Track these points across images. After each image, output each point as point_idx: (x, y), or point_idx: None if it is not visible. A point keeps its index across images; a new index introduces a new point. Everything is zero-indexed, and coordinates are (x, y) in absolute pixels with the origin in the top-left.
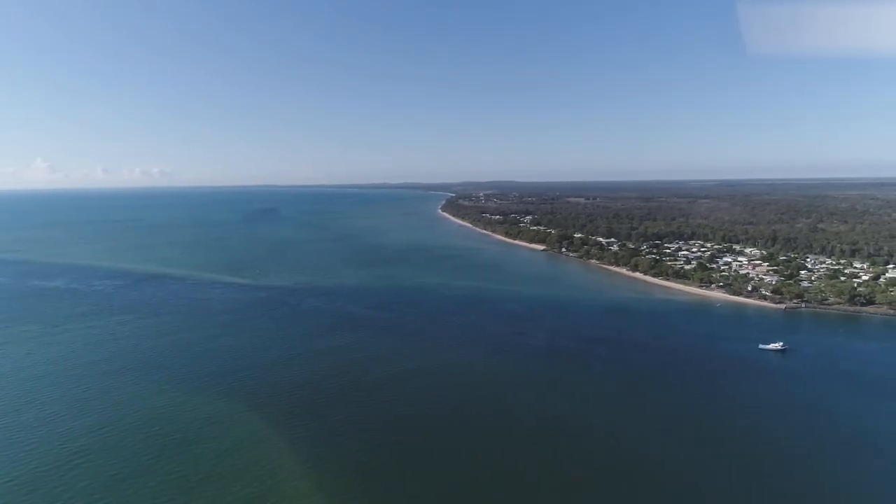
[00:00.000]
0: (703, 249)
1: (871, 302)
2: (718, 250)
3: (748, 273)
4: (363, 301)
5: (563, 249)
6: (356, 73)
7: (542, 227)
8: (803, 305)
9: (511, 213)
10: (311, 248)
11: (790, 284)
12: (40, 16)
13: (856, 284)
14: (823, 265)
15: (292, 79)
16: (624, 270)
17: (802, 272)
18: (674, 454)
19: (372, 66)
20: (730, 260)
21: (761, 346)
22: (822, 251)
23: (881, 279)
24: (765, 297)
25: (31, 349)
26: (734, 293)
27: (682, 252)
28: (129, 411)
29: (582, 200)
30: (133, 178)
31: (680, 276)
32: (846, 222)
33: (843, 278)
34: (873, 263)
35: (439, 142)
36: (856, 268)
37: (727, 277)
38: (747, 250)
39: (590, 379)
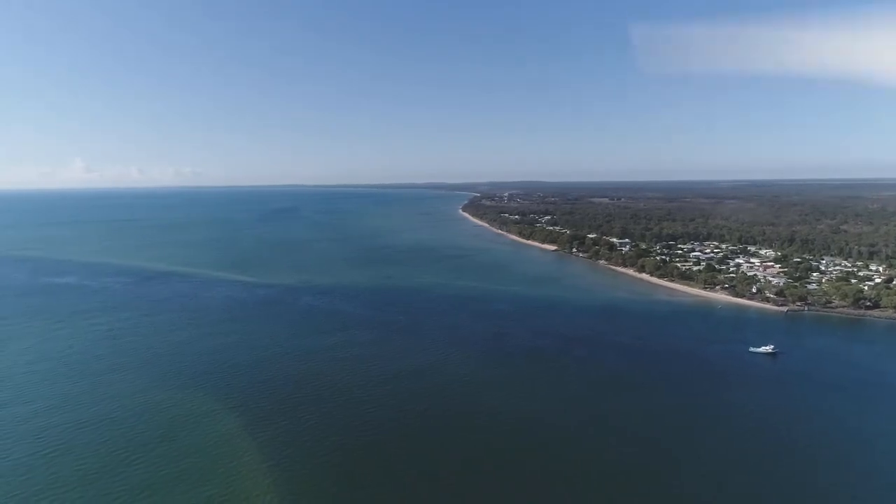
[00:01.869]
0: (717, 251)
1: (876, 305)
2: (732, 251)
3: (756, 275)
4: (359, 300)
5: (574, 250)
6: (381, 77)
7: (557, 228)
8: (806, 308)
9: (530, 214)
10: (320, 247)
11: (795, 287)
12: (75, 33)
13: (864, 287)
14: (837, 267)
15: (318, 82)
16: (630, 271)
17: (814, 274)
18: (634, 457)
19: (397, 69)
20: (741, 261)
21: (751, 349)
22: (840, 253)
23: (894, 282)
24: (767, 300)
25: (31, 345)
26: (737, 295)
27: (695, 253)
28: (114, 408)
29: (605, 201)
30: (166, 177)
31: (685, 277)
32: (871, 223)
33: (853, 281)
34: (890, 266)
35: (465, 142)
36: (871, 270)
37: (732, 279)
38: (762, 252)
39: (560, 379)
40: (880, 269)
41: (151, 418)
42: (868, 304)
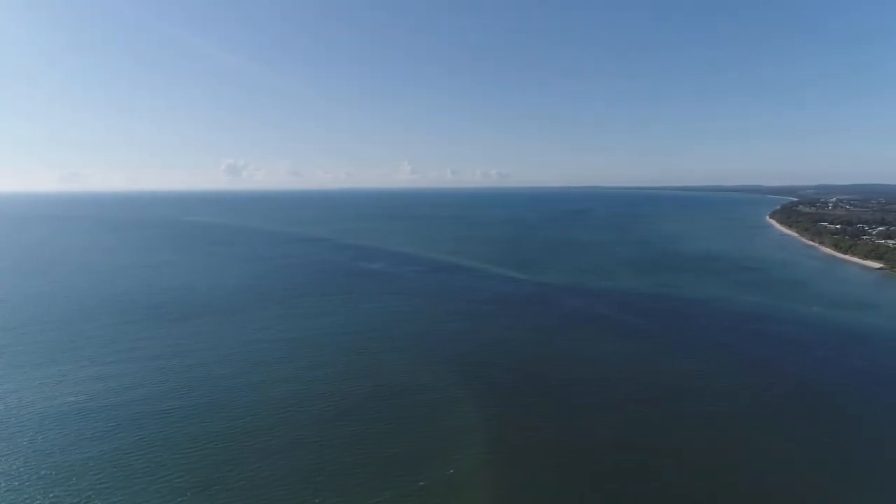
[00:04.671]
0: None
1: None
2: None
3: None
4: (624, 306)
5: None
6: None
7: (891, 242)
8: None
9: (858, 224)
10: (603, 250)
11: None
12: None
13: None
14: None
15: (620, 89)
16: None
17: None
18: None
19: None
20: None
21: None
22: None
23: None
24: None
25: (335, 319)
26: None
27: None
28: (383, 383)
29: None
30: (475, 178)
31: None
32: None
33: None
34: None
35: (790, 139)
36: None
37: None
38: None
39: (835, 432)
40: None
41: (412, 396)
42: None
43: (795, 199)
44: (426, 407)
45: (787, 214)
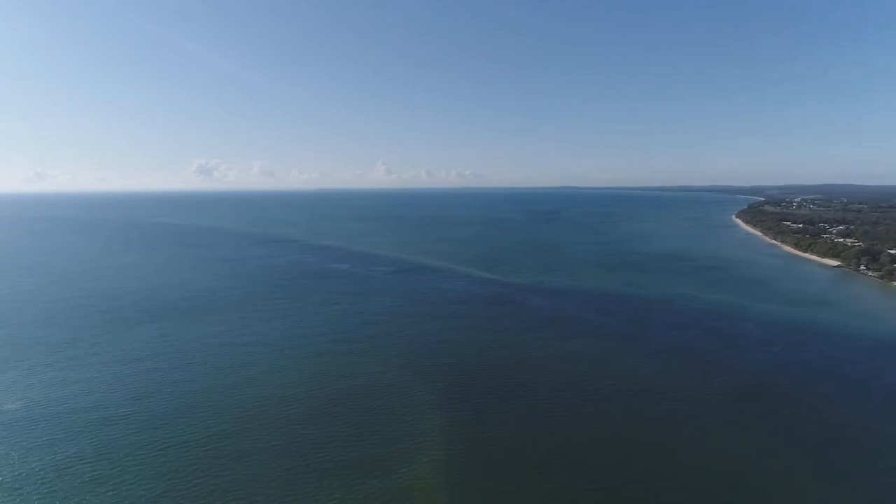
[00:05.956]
0: None
1: None
2: None
3: None
4: (588, 305)
5: (862, 267)
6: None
7: (849, 241)
8: None
9: (820, 223)
10: (573, 249)
11: None
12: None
13: None
14: None
15: (593, 86)
16: None
17: None
18: None
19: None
20: None
21: None
22: None
23: None
24: None
25: (294, 321)
26: None
27: None
28: (347, 386)
29: None
30: (450, 179)
31: None
32: None
33: None
34: None
35: (754, 140)
36: None
37: None
38: None
39: (785, 427)
40: None
41: (375, 400)
42: None
43: (762, 199)
44: (388, 410)
45: (753, 214)
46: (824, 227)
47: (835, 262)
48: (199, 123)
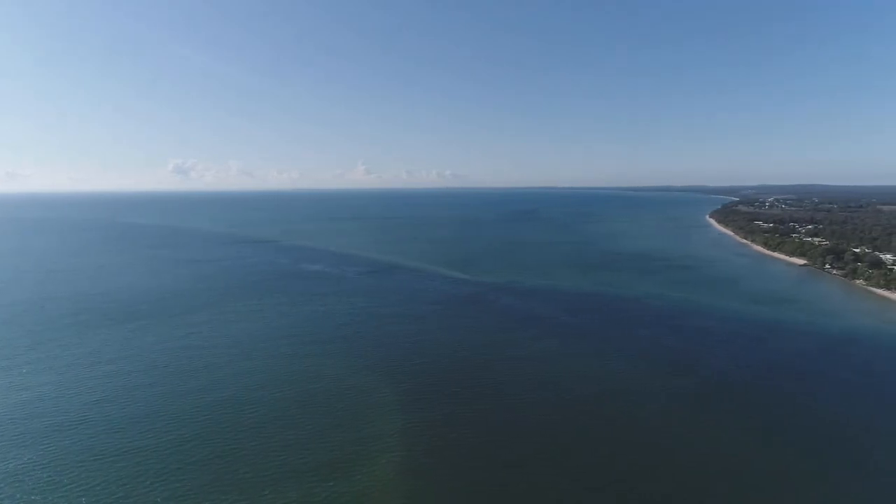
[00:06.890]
0: None
1: None
2: None
3: None
4: (558, 304)
5: (827, 265)
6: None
7: (816, 240)
8: None
9: (790, 222)
10: (547, 249)
11: None
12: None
13: None
14: None
15: (576, 84)
16: (894, 296)
17: None
18: None
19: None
20: None
21: None
22: None
23: None
24: None
25: (263, 323)
26: None
27: None
28: (312, 388)
29: None
30: (430, 179)
31: None
32: None
33: None
34: None
35: (732, 140)
36: None
37: None
38: None
39: (743, 419)
40: None
41: (341, 402)
42: None
43: (736, 199)
44: (352, 413)
45: (726, 214)
46: (794, 226)
47: (801, 261)
48: (175, 124)
